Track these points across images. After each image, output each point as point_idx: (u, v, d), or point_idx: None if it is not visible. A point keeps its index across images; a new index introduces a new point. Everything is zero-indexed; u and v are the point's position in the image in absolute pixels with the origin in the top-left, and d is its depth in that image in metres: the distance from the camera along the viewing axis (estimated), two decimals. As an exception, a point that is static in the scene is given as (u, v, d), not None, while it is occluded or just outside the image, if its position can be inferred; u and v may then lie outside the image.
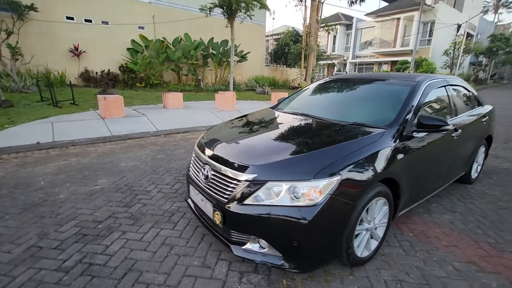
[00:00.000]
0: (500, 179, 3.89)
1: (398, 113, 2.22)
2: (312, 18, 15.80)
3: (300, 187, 1.62)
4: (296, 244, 1.61)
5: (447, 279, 1.91)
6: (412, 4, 26.87)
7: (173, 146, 5.26)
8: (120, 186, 3.35)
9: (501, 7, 43.04)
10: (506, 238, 2.42)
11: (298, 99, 3.36)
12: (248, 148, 2.12)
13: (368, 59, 32.77)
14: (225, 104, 9.15)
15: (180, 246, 2.20)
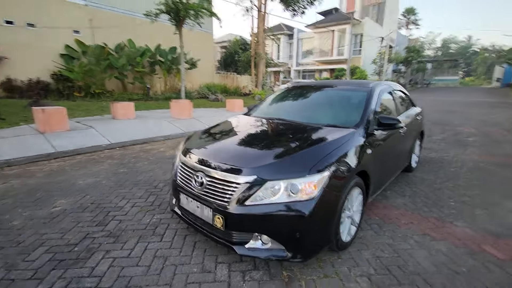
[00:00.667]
0: (431, 166, 4.70)
1: (362, 115, 2.60)
2: (259, 28, 16.52)
3: (297, 183, 1.80)
4: (298, 235, 1.78)
5: (411, 250, 2.30)
6: (344, 18, 30.14)
7: (133, 159, 4.97)
8: (85, 205, 3.07)
9: (411, 23, 51.25)
10: (445, 212, 3.00)
11: (269, 105, 3.56)
12: (241, 152, 2.23)
13: (310, 67, 35.37)
14: (181, 112, 8.93)
15: (174, 256, 2.16)
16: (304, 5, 18.60)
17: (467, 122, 9.92)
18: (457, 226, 2.71)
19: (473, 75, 66.55)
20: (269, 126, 2.81)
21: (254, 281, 1.91)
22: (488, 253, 2.27)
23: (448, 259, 2.19)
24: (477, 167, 4.64)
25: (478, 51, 70.19)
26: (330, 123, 2.60)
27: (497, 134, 7.71)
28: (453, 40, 75.32)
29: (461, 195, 3.48)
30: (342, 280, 1.92)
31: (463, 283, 1.92)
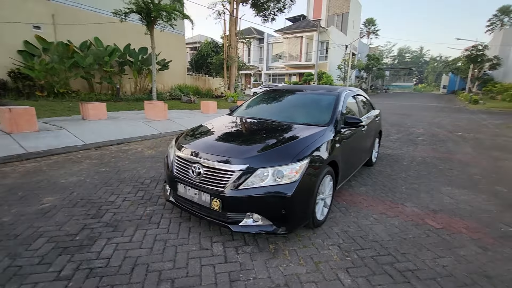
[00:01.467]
0: (388, 161, 5.43)
1: (332, 115, 3.09)
2: (231, 31, 16.87)
3: (282, 170, 2.20)
4: (283, 212, 2.17)
5: (371, 225, 2.81)
6: (311, 26, 31.68)
7: (113, 159, 5.01)
8: (75, 201, 3.16)
9: (371, 33, 55.21)
10: (398, 196, 3.61)
11: (250, 107, 3.93)
12: (233, 146, 2.56)
13: (280, 71, 36.52)
14: (157, 113, 8.93)
15: (172, 239, 2.43)
16: (274, 11, 19.39)
17: (418, 124, 11.22)
18: (407, 206, 3.31)
19: (424, 82, 73.42)
20: (254, 124, 3.18)
21: (246, 253, 2.26)
22: (428, 224, 2.87)
23: (399, 230, 2.73)
24: (424, 162, 5.46)
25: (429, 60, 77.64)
26: (305, 122, 3.05)
27: (442, 134, 8.91)
28: (408, 50, 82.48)
29: (411, 183, 4.16)
30: (317, 249, 2.35)
31: (409, 245, 2.45)
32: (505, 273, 2.12)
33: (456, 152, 6.38)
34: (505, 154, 6.41)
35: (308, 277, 1.99)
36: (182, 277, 1.95)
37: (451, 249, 2.43)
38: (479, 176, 4.63)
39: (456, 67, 34.07)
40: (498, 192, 3.92)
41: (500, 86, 25.63)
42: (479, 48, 27.14)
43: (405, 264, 2.18)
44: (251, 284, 1.90)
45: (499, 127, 11.06)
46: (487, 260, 2.28)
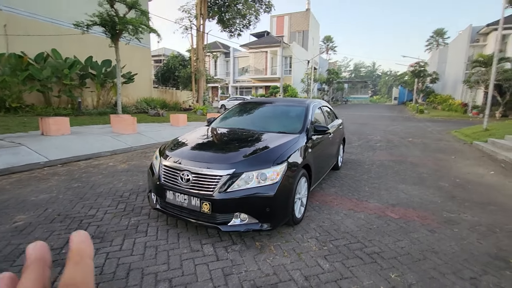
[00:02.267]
0: (352, 165, 6.01)
1: (303, 124, 3.47)
2: (198, 45, 17.11)
3: (265, 172, 2.47)
4: (268, 210, 2.42)
5: (342, 219, 3.18)
6: (275, 41, 33.22)
7: (84, 174, 4.86)
8: (51, 217, 3.08)
9: (330, 49, 59.34)
10: (362, 195, 4.07)
11: (227, 118, 4.18)
12: (220, 153, 2.78)
13: (246, 84, 37.35)
14: (125, 127, 8.72)
15: (163, 245, 2.53)
16: (240, 28, 20.12)
17: (376, 132, 12.36)
18: (370, 202, 3.78)
19: (378, 94, 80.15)
20: (234, 134, 3.44)
21: (235, 251, 2.45)
22: (388, 216, 3.33)
23: (365, 222, 3.14)
24: (383, 164, 6.14)
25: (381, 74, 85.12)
26: (280, 130, 3.39)
27: (396, 140, 9.97)
28: (362, 65, 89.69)
29: (372, 183, 4.70)
30: (298, 242, 2.63)
31: (374, 233, 2.85)
32: (448, 249, 2.60)
33: (408, 155, 7.24)
34: (445, 155, 7.43)
35: (292, 266, 2.25)
36: (179, 276, 2.09)
37: (407, 233, 2.88)
38: (426, 174, 5.36)
39: (403, 80, 38.04)
40: (441, 187, 4.61)
41: (440, 97, 29.19)
42: (421, 65, 30.81)
43: (372, 248, 2.56)
44: (244, 276, 2.11)
45: (441, 133, 12.65)
46: (434, 240, 2.76)
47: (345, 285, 2.03)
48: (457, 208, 3.64)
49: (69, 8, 13.50)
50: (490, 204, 3.82)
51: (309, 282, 2.06)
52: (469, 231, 2.99)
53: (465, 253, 2.54)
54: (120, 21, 11.19)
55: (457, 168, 5.95)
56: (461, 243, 2.71)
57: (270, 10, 20.02)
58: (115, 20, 11.33)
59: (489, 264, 2.35)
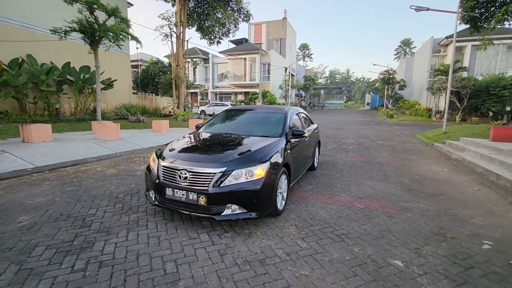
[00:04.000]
0: (326, 166, 6.63)
1: (282, 128, 4.00)
2: (179, 52, 17.35)
3: (252, 169, 2.94)
4: (255, 201, 2.88)
5: (317, 210, 3.72)
6: (254, 49, 34.04)
7: (75, 179, 5.05)
8: (54, 216, 3.33)
9: (306, 56, 61.41)
10: (334, 190, 4.66)
11: (214, 124, 4.61)
12: (212, 154, 3.21)
13: (226, 90, 37.78)
14: (108, 134, 8.81)
15: (163, 235, 2.90)
16: (219, 35, 20.61)
17: (349, 135, 13.28)
18: (341, 196, 4.36)
19: (352, 99, 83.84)
20: (222, 137, 3.88)
21: (228, 237, 2.88)
22: (355, 206, 3.91)
23: (336, 212, 3.69)
24: (354, 165, 6.84)
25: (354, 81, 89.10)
26: (263, 134, 3.89)
27: (367, 143, 10.86)
28: (337, 72, 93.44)
29: (344, 180, 5.32)
30: (280, 229, 3.12)
31: (343, 220, 3.40)
32: (400, 229, 3.20)
33: (376, 156, 8.04)
34: (409, 156, 8.33)
35: (276, 246, 2.73)
36: (182, 258, 2.48)
37: (370, 219, 3.47)
38: (390, 172, 6.10)
39: (375, 87, 40.41)
40: (402, 182, 5.32)
41: (407, 103, 31.40)
42: (390, 73, 33.04)
43: (341, 231, 3.10)
44: (236, 255, 2.55)
45: (407, 136, 13.83)
46: (391, 223, 3.36)
47: (318, 258, 2.53)
48: (412, 199, 4.32)
49: (45, 14, 13.29)
50: (440, 195, 4.55)
51: (290, 256, 2.54)
52: (419, 215, 3.63)
53: (413, 231, 3.15)
54: (101, 28, 11.25)
55: (417, 167, 6.77)
56: (411, 225, 3.33)
57: (249, 19, 20.73)
58: (94, 27, 11.39)
59: (430, 239, 2.98)
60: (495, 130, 8.77)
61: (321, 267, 2.39)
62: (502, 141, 8.46)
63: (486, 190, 4.93)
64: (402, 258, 2.57)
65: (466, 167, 6.79)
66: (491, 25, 11.47)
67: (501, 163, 6.15)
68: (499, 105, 20.82)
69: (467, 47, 25.48)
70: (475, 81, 21.36)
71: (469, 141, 9.08)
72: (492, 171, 5.80)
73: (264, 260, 2.47)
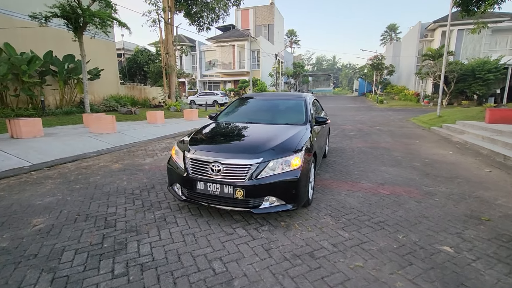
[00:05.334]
0: (336, 153, 6.59)
1: (305, 116, 3.85)
2: (168, 39, 16.61)
3: (288, 159, 2.80)
4: (294, 192, 2.76)
5: (344, 199, 3.65)
6: (242, 35, 33.22)
7: (80, 176, 4.74)
8: (72, 217, 3.09)
9: (293, 43, 60.74)
10: (354, 177, 4.61)
11: (231, 113, 4.40)
12: (245, 144, 3.03)
13: (214, 78, 36.95)
14: (103, 127, 8.38)
15: (198, 232, 2.74)
16: (208, 21, 19.86)
17: (346, 122, 13.32)
18: (362, 183, 4.32)
19: (340, 86, 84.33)
20: (247, 127, 3.70)
21: (266, 231, 2.76)
22: (381, 193, 3.88)
23: (364, 199, 3.64)
24: (362, 151, 6.83)
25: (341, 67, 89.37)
26: (287, 122, 3.74)
27: (366, 129, 10.92)
28: (324, 58, 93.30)
29: (359, 167, 5.28)
30: (316, 219, 3.03)
31: (374, 207, 3.35)
32: (435, 214, 3.19)
33: (380, 142, 8.08)
34: (411, 140, 8.43)
35: (319, 238, 2.64)
36: (226, 255, 2.34)
37: (400, 205, 3.44)
38: (400, 157, 6.13)
39: (363, 73, 40.66)
40: (415, 166, 5.35)
41: (396, 88, 31.88)
42: (379, 58, 33.23)
43: (377, 219, 3.05)
44: (282, 249, 2.43)
45: (402, 120, 14.04)
46: (422, 208, 3.34)
47: (366, 248, 2.47)
48: (432, 183, 4.33)
49: (22, -2, 12.26)
50: (457, 178, 4.60)
51: (337, 248, 2.46)
52: (446, 199, 3.64)
53: (447, 215, 3.14)
54: (86, 14, 10.53)
55: (423, 151, 6.85)
56: (442, 209, 3.33)
57: (239, 4, 20.07)
58: (78, 12, 10.65)
59: (467, 222, 2.97)
60: (491, 112, 8.99)
61: (373, 257, 2.32)
62: (498, 122, 8.70)
63: (496, 171, 5.04)
64: (448, 243, 2.54)
65: (470, 149, 6.94)
66: (482, 9, 11.62)
67: (504, 144, 6.31)
68: (484, 89, 21.47)
69: (454, 31, 25.81)
70: (461, 65, 21.80)
71: (466, 123, 9.29)
72: (498, 153, 5.94)
73: (313, 253, 2.37)
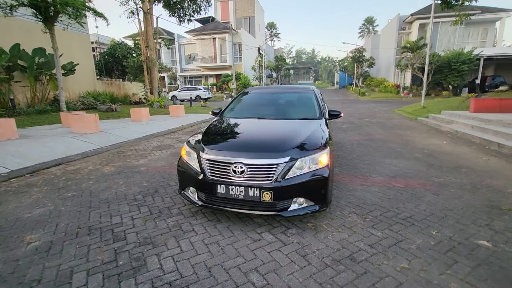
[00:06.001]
0: (335, 147, 6.51)
1: (319, 110, 3.68)
2: (148, 32, 15.76)
3: (316, 157, 2.61)
4: (323, 191, 2.58)
5: (362, 194, 3.54)
6: (223, 28, 32.45)
7: (69, 182, 4.29)
8: (72, 231, 2.72)
9: (273, 36, 60.49)
10: (362, 171, 4.53)
11: (238, 109, 4.11)
12: (268, 142, 2.80)
13: (195, 73, 35.94)
14: (86, 126, 7.76)
15: (222, 240, 2.49)
16: (189, 12, 19.06)
17: (334, 114, 13.37)
18: (373, 177, 4.24)
19: (320, 79, 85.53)
20: (260, 123, 3.46)
21: (294, 234, 2.57)
22: (396, 186, 3.82)
23: (382, 194, 3.55)
24: (360, 144, 6.81)
25: (320, 60, 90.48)
26: (302, 117, 3.54)
27: (356, 121, 11.01)
28: (303, 51, 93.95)
29: (363, 160, 5.22)
30: (342, 218, 2.88)
31: (395, 202, 3.27)
32: (457, 206, 3.15)
33: (374, 134, 8.13)
34: (403, 131, 8.57)
35: (353, 238, 2.49)
36: (261, 265, 2.13)
37: (419, 198, 3.38)
38: (400, 149, 6.16)
39: (344, 66, 41.35)
40: (417, 157, 5.38)
41: (376, 80, 32.71)
42: (360, 51, 33.87)
43: (403, 214, 2.96)
44: (319, 255, 2.26)
45: (387, 112, 14.35)
46: (442, 201, 3.30)
47: (405, 247, 2.35)
48: (440, 174, 4.35)
49: (-20, -15, 11.00)
50: (461, 167, 4.66)
51: (375, 249, 2.33)
52: (460, 190, 3.64)
53: (469, 207, 3.12)
54: (57, 1, 9.63)
55: (418, 141, 6.96)
56: (461, 200, 3.31)
57: (221, -5, 19.39)
58: (48, 0, 9.74)
59: (490, 213, 2.96)
60: (476, 102, 9.35)
61: (415, 257, 2.20)
62: (482, 112, 9.07)
63: (495, 159, 5.18)
64: (483, 237, 2.49)
65: (462, 138, 7.15)
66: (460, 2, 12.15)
67: (495, 133, 6.54)
68: (459, 79, 22.52)
69: (429, 24, 26.75)
70: (438, 57, 22.66)
71: (452, 113, 9.60)
72: (490, 141, 6.13)
73: (353, 257, 2.22)
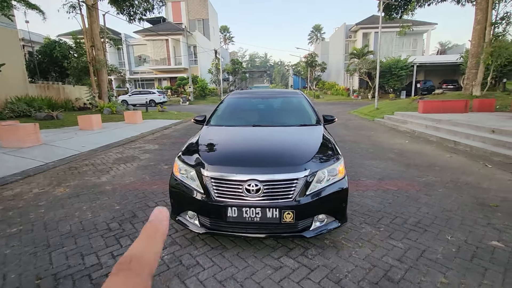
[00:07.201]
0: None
1: (316, 114, 3.50)
2: (93, 29, 14.09)
3: (334, 168, 2.38)
4: (344, 205, 2.37)
5: (361, 201, 3.45)
6: (176, 29, 31.09)
7: (10, 213, 3.37)
8: (29, 283, 2.03)
9: (227, 39, 60.39)
10: (349, 175, 4.49)
11: (226, 116, 3.69)
12: (281, 154, 2.46)
13: (147, 75, 33.68)
14: (23, 139, 6.45)
15: (237, 273, 2.09)
16: (141, 11, 17.69)
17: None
18: (363, 180, 4.23)
19: (273, 83, 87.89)
20: (261, 131, 3.13)
21: (316, 255, 2.31)
22: (389, 189, 3.83)
23: (380, 199, 3.51)
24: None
25: (273, 65, 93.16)
26: (300, 123, 3.31)
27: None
28: (257, 55, 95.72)
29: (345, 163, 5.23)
30: (356, 231, 2.71)
31: (396, 207, 3.24)
32: (452, 206, 3.25)
33: (341, 135, 8.37)
34: (366, 131, 9.03)
35: (378, 254, 2.32)
36: (296, 302, 1.81)
37: (416, 201, 3.42)
38: (372, 150, 6.39)
39: (297, 70, 43.04)
40: (392, 158, 5.61)
41: (327, 84, 34.74)
42: (313, 56, 35.62)
43: (412, 220, 2.92)
44: (353, 277, 2.02)
45: (344, 113, 15.17)
46: (437, 201, 3.39)
47: (432, 257, 2.26)
48: (420, 173, 4.55)
49: None
50: (433, 166, 4.96)
51: (406, 264, 2.18)
52: (446, 189, 3.81)
53: (462, 206, 3.24)
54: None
55: (384, 141, 7.35)
56: (452, 200, 3.44)
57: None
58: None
59: (484, 211, 3.10)
60: (424, 104, 10.36)
61: (447, 268, 2.12)
62: (429, 112, 10.09)
63: (456, 156, 5.67)
64: (492, 237, 2.55)
65: (420, 137, 7.77)
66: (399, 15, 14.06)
67: (447, 131, 7.25)
68: (399, 83, 25.18)
69: (371, 33, 29.46)
70: (381, 63, 24.99)
71: (404, 114, 10.50)
72: (446, 139, 6.76)
73: (389, 276, 2.03)
